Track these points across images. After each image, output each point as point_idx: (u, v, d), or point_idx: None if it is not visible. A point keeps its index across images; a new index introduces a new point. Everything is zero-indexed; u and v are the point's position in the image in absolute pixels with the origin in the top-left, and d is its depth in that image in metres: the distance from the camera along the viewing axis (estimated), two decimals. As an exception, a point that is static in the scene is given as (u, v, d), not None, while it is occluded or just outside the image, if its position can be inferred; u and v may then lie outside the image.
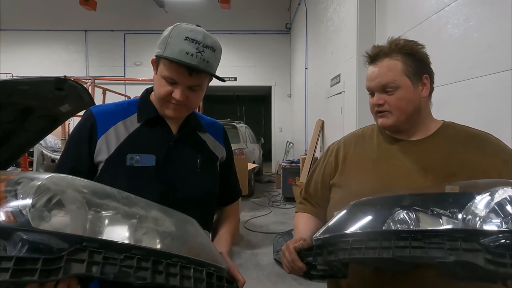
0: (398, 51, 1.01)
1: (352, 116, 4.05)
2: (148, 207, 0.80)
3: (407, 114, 1.01)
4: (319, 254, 0.86)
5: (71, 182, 0.73)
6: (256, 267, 3.71)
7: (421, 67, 1.02)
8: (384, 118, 1.03)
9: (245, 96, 15.44)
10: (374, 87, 1.03)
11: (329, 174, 1.17)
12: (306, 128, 7.84)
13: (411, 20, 2.96)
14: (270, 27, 10.99)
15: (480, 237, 0.64)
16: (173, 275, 0.67)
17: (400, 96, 0.99)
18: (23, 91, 1.38)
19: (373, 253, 0.71)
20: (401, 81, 0.99)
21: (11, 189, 0.65)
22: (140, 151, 1.00)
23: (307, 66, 7.91)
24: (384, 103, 1.02)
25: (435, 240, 0.67)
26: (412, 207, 0.76)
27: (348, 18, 4.25)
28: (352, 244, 0.76)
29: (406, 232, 0.71)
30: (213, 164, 1.13)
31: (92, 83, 5.75)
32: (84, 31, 10.80)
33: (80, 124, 1.03)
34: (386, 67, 1.00)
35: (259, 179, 9.51)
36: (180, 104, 0.98)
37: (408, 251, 0.67)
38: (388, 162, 1.05)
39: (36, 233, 0.60)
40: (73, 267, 0.59)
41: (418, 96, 1.02)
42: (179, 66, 0.92)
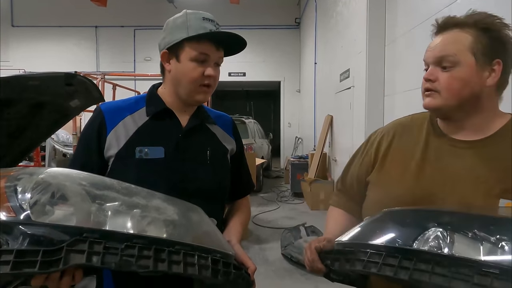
0: (473, 24, 0.83)
1: (361, 112, 4.01)
2: (150, 197, 0.80)
3: (459, 99, 0.83)
4: (336, 260, 0.81)
5: (69, 175, 0.74)
6: (264, 262, 3.72)
7: (495, 48, 0.82)
8: (430, 98, 0.86)
9: (254, 92, 15.42)
10: (429, 58, 0.87)
11: (366, 168, 1.03)
12: (315, 123, 7.80)
13: (422, 13, 2.91)
14: (280, 21, 10.92)
15: None
16: (176, 263, 0.67)
17: (457, 75, 0.82)
18: (34, 86, 1.41)
19: (390, 271, 0.65)
20: (464, 57, 0.82)
21: (11, 185, 0.67)
22: (149, 144, 1.00)
23: (317, 61, 7.85)
24: (435, 79, 0.84)
25: (463, 270, 0.59)
26: (450, 226, 0.67)
27: (358, 12, 4.20)
28: (369, 256, 0.70)
29: (431, 255, 0.63)
30: (223, 156, 1.13)
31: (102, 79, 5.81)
32: (95, 27, 10.90)
33: (90, 121, 1.05)
34: (451, 38, 0.84)
35: (268, 174, 9.52)
36: (211, 83, 1.02)
37: (427, 276, 0.61)
38: (434, 164, 0.89)
39: (36, 226, 0.61)
40: (73, 257, 0.60)
41: (481, 82, 0.82)
42: (208, 42, 0.98)
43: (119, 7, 10.26)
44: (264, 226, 5.03)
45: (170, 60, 1.02)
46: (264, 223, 5.16)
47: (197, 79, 0.99)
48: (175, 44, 0.99)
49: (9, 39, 10.86)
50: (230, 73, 10.86)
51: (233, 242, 0.96)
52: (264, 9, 10.76)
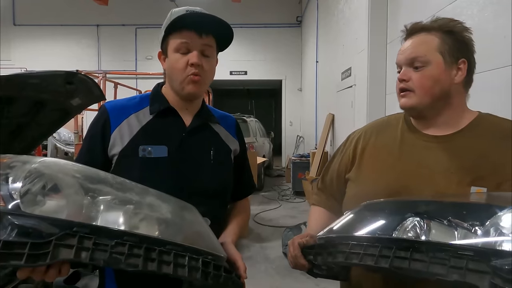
0: (438, 28, 0.91)
1: (362, 110, 4.00)
2: (144, 193, 0.78)
3: (432, 96, 0.90)
4: (319, 254, 0.83)
5: (63, 166, 0.72)
6: (265, 260, 3.73)
7: (460, 49, 0.91)
8: (405, 98, 0.93)
9: (256, 90, 15.41)
10: (401, 60, 0.94)
11: (345, 166, 1.08)
12: (316, 122, 7.79)
13: (424, 11, 2.89)
14: (281, 20, 10.90)
15: (493, 258, 0.56)
16: (166, 263, 0.65)
17: (428, 74, 0.89)
18: (34, 84, 1.41)
19: (371, 260, 0.67)
20: (432, 57, 0.89)
21: (3, 173, 0.65)
22: (153, 142, 1.00)
23: (318, 59, 7.83)
24: (408, 79, 0.92)
25: (440, 255, 0.61)
26: (426, 214, 0.70)
27: (360, 10, 4.18)
28: (351, 248, 0.72)
29: (409, 242, 0.65)
30: (226, 156, 1.13)
31: (103, 77, 5.82)
32: (96, 25, 10.91)
33: (95, 120, 1.05)
34: (420, 41, 0.92)
35: (269, 173, 9.52)
36: (197, 72, 0.98)
37: (407, 263, 0.63)
38: (409, 159, 0.95)
39: (26, 218, 0.59)
40: (61, 252, 0.59)
41: (450, 80, 0.90)
42: (188, 30, 0.97)
43: (120, 5, 10.26)
44: (265, 224, 5.03)
45: (164, 58, 1.04)
46: (266, 222, 5.16)
47: (183, 70, 0.98)
48: (162, 41, 1.01)
49: (11, 38, 10.88)
50: (232, 71, 10.85)
51: (227, 242, 0.96)
52: (266, 7, 10.74)
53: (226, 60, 9.96)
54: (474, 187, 0.85)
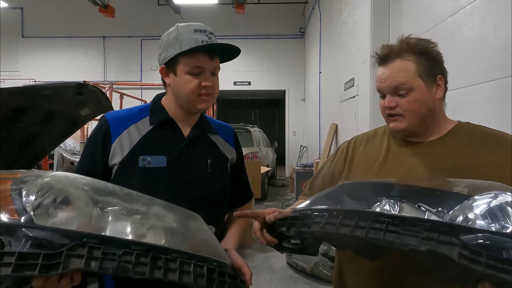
0: (410, 50, 0.95)
1: (366, 120, 4.02)
2: (150, 204, 0.81)
3: (420, 117, 0.96)
4: (293, 225, 0.84)
5: (73, 180, 0.76)
6: (268, 270, 3.71)
7: (434, 67, 0.97)
8: (396, 122, 0.98)
9: (259, 100, 15.48)
10: (385, 88, 0.98)
11: (338, 173, 1.13)
12: (320, 132, 7.81)
13: (425, 23, 2.94)
14: (284, 31, 11.02)
15: (461, 234, 0.61)
16: (172, 270, 0.68)
17: (413, 98, 0.94)
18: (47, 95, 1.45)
19: (346, 230, 0.70)
20: (414, 82, 0.94)
21: (16, 188, 0.68)
22: (152, 152, 1.04)
23: (321, 70, 7.89)
24: (396, 106, 0.97)
25: (413, 228, 0.65)
26: (400, 198, 0.73)
27: (362, 22, 4.24)
28: (327, 219, 0.74)
29: (385, 216, 0.69)
30: (224, 165, 1.16)
31: (110, 88, 5.90)
32: (103, 37, 11.09)
33: (96, 130, 1.08)
34: (398, 68, 0.95)
35: (273, 182, 9.50)
36: (209, 92, 1.04)
37: (382, 234, 0.66)
38: (396, 164, 1.01)
39: (39, 230, 0.62)
40: (72, 262, 0.61)
41: (432, 98, 0.97)
42: (201, 54, 1.00)
43: (126, 18, 10.45)
44: (269, 234, 5.01)
45: (169, 74, 1.05)
46: (269, 232, 5.13)
47: (194, 91, 1.02)
48: (170, 59, 1.02)
49: (19, 49, 11.08)
50: (235, 82, 10.94)
51: (229, 248, 0.98)
52: (269, 19, 10.88)
53: (230, 70, 10.06)
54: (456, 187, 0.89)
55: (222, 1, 9.36)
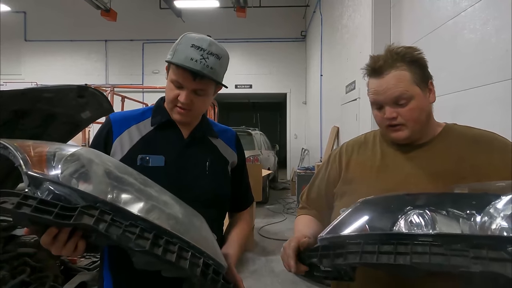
0: (400, 60, 0.96)
1: (367, 123, 4.02)
2: (161, 192, 0.87)
3: (421, 124, 0.98)
4: (325, 256, 0.78)
5: (99, 154, 0.88)
6: (270, 274, 3.69)
7: (425, 73, 0.99)
8: (398, 132, 0.98)
9: (261, 103, 15.50)
10: (384, 100, 0.97)
11: (333, 180, 1.13)
12: (321, 135, 7.81)
13: (426, 26, 2.94)
14: (286, 34, 11.05)
15: (508, 245, 0.57)
16: (170, 251, 0.70)
17: (414, 106, 0.95)
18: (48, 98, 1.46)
19: (388, 258, 0.65)
20: (413, 90, 0.95)
21: (52, 151, 0.79)
22: (151, 152, 1.05)
23: (322, 73, 7.90)
24: (397, 116, 0.96)
25: (457, 246, 0.61)
26: (427, 207, 0.70)
27: (363, 25, 4.25)
28: (364, 247, 0.69)
29: (425, 236, 0.64)
30: (223, 167, 1.16)
31: (111, 91, 5.92)
32: (105, 41, 11.15)
33: (99, 129, 1.11)
34: (395, 79, 0.95)
35: (274, 186, 9.49)
36: (185, 107, 1.03)
37: (427, 257, 0.62)
38: (394, 169, 1.01)
39: (61, 186, 0.70)
40: (83, 218, 0.67)
41: (428, 103, 1.00)
42: (184, 71, 0.98)
43: (128, 21, 10.50)
44: (270, 237, 5.00)
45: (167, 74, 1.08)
46: (271, 235, 5.12)
47: (171, 100, 1.04)
48: (166, 60, 1.04)
49: (22, 53, 11.15)
50: (237, 85, 10.96)
51: (228, 260, 0.95)
52: (271, 22, 10.92)
53: (231, 73, 10.08)
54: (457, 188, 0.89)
55: (223, 5, 9.40)
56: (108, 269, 1.05)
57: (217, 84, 1.05)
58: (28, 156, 0.73)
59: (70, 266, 2.08)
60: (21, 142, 0.80)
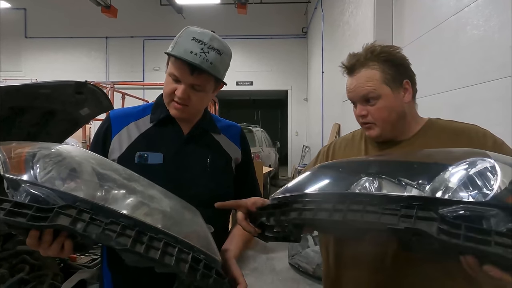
0: (374, 59, 0.98)
1: (368, 120, 4.00)
2: (149, 186, 0.85)
3: (391, 123, 0.99)
4: (272, 214, 0.82)
5: (81, 151, 0.86)
6: (271, 272, 3.69)
7: (400, 72, 0.99)
8: (370, 130, 1.02)
9: (262, 100, 15.47)
10: (354, 97, 1.02)
11: None
12: (322, 132, 7.79)
13: (429, 22, 2.91)
14: (287, 31, 11.00)
15: (440, 207, 0.59)
16: (154, 249, 0.68)
17: (382, 106, 0.97)
18: (45, 94, 1.44)
19: (325, 215, 0.69)
20: (381, 90, 0.97)
21: (31, 151, 0.77)
22: (149, 149, 1.03)
23: (324, 69, 7.87)
24: (367, 114, 1.00)
25: (392, 206, 0.63)
26: (378, 174, 0.72)
27: (365, 22, 4.22)
28: (305, 204, 0.73)
29: (363, 196, 0.68)
30: (225, 164, 1.12)
31: (111, 88, 5.90)
32: (105, 37, 11.11)
33: (99, 126, 1.10)
34: (364, 78, 0.98)
35: (275, 183, 9.48)
36: (181, 103, 1.00)
37: (360, 215, 0.64)
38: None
39: (37, 187, 0.68)
40: (59, 218, 0.65)
41: (401, 103, 0.99)
42: (182, 64, 0.95)
43: (128, 18, 10.46)
44: (271, 235, 5.00)
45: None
46: (271, 232, 5.12)
47: (168, 94, 1.01)
48: (165, 52, 1.01)
49: (22, 50, 11.13)
50: (238, 82, 10.93)
51: (229, 254, 0.94)
52: (272, 19, 10.87)
53: (232, 70, 9.96)
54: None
55: (224, 1, 9.35)
56: (107, 266, 1.04)
57: (216, 81, 1.02)
58: (9, 158, 0.72)
59: (69, 264, 2.08)
60: (5, 144, 0.78)
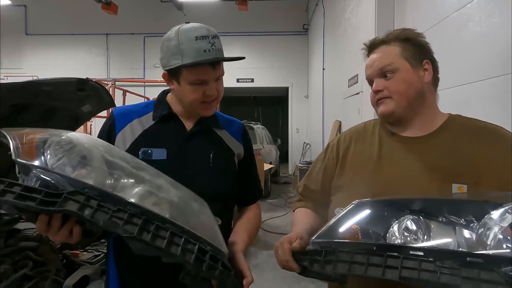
0: (395, 39, 0.99)
1: (369, 117, 3.98)
2: (157, 176, 0.85)
3: (408, 99, 0.95)
4: (315, 261, 0.77)
5: (91, 139, 0.87)
6: (272, 268, 3.70)
7: (420, 51, 0.98)
8: (383, 104, 0.97)
9: (262, 97, 15.44)
10: (372, 73, 1.00)
11: (330, 172, 1.10)
12: (323, 129, 7.78)
13: (431, 18, 2.90)
14: (288, 28, 10.96)
15: (501, 265, 0.56)
16: (161, 238, 0.68)
17: (400, 79, 0.95)
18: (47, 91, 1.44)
19: (377, 272, 0.64)
20: (399, 63, 0.95)
21: (42, 137, 0.78)
22: (153, 146, 1.04)
23: (325, 66, 7.84)
24: (383, 88, 0.96)
25: (449, 263, 0.60)
26: (423, 212, 0.69)
27: (366, 18, 4.20)
28: (354, 257, 0.68)
29: (416, 250, 0.64)
30: (228, 159, 1.13)
31: (112, 85, 5.90)
32: (106, 34, 11.09)
33: (103, 124, 1.11)
34: (383, 52, 0.98)
35: (276, 180, 9.49)
36: (213, 99, 1.03)
37: (417, 273, 0.61)
38: (390, 162, 0.98)
39: (48, 173, 0.69)
40: (68, 204, 0.65)
41: (420, 80, 0.96)
42: (203, 66, 0.96)
43: (129, 15, 10.43)
44: (272, 232, 5.00)
45: (172, 81, 1.04)
46: (273, 229, 5.13)
47: (197, 100, 1.01)
48: (172, 69, 0.99)
49: (23, 47, 11.11)
50: (238, 79, 10.91)
51: (236, 248, 0.95)
52: (272, 15, 10.83)
53: (233, 68, 10.01)
54: (455, 184, 0.88)
55: (225, -2, 9.32)
56: (114, 261, 1.05)
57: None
58: (20, 144, 0.72)
59: (72, 259, 2.09)
60: (18, 130, 0.80)
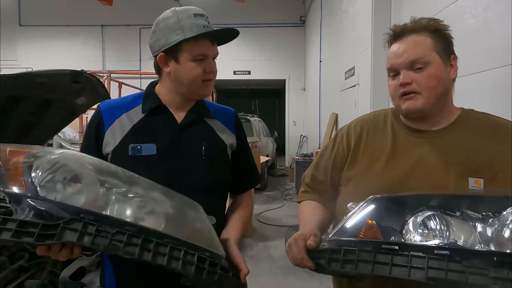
0: (424, 29, 0.92)
1: (366, 109, 3.99)
2: (150, 188, 0.84)
3: (437, 96, 0.90)
4: (334, 260, 0.74)
5: (80, 158, 0.82)
6: (268, 260, 3.74)
7: (448, 46, 0.94)
8: (411, 100, 0.90)
9: (259, 90, 15.39)
10: (400, 64, 0.91)
11: (340, 162, 1.06)
12: (320, 121, 7.78)
13: (427, 10, 2.88)
14: (285, 19, 10.88)
15: None
16: (161, 255, 0.69)
17: (431, 73, 0.88)
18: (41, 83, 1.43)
19: (402, 272, 0.62)
20: (432, 57, 0.89)
21: (28, 161, 0.73)
22: (143, 140, 1.02)
23: (322, 59, 7.82)
24: (411, 82, 0.89)
25: (476, 263, 0.58)
26: (439, 208, 0.67)
27: (363, 10, 4.18)
28: (376, 257, 0.66)
29: (441, 249, 0.62)
30: (221, 150, 1.11)
31: (108, 77, 5.85)
32: (101, 26, 10.96)
33: (90, 120, 1.08)
34: (414, 42, 0.91)
35: (273, 172, 9.52)
36: (211, 77, 1.04)
37: (444, 273, 0.59)
38: (404, 155, 0.95)
39: (41, 201, 0.68)
40: (66, 235, 0.65)
41: (448, 77, 0.92)
42: (204, 40, 0.99)
43: (125, 6, 10.30)
44: (268, 224, 5.04)
45: (168, 62, 1.02)
46: (269, 221, 5.16)
47: (199, 77, 1.01)
48: (172, 46, 0.99)
49: (17, 38, 10.96)
50: (235, 71, 10.85)
51: (230, 242, 0.96)
52: (269, 7, 10.73)
53: (230, 60, 9.97)
54: (471, 178, 0.86)
55: (221, -11, 9.22)
56: (108, 257, 1.04)
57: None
58: (6, 170, 0.69)
59: (69, 252, 2.09)
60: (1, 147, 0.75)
